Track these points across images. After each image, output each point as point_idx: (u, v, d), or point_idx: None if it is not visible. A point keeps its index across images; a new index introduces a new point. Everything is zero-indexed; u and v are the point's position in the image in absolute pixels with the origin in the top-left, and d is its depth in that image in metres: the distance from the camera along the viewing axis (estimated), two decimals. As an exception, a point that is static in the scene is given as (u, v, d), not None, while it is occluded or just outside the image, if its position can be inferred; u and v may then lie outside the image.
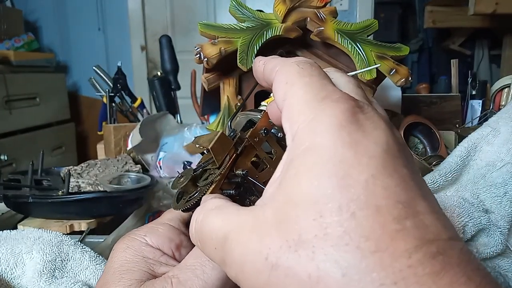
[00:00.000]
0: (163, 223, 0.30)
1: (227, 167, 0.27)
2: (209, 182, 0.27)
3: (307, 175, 0.16)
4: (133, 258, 0.27)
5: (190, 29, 2.57)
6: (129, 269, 0.26)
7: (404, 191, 0.15)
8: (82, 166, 0.71)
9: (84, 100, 2.74)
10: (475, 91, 1.05)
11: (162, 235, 0.29)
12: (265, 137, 0.30)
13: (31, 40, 2.35)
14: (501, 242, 0.40)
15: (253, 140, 0.29)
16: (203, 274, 0.24)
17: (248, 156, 0.29)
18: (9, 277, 0.44)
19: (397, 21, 2.48)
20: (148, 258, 0.27)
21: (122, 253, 0.27)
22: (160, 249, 0.28)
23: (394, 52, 0.61)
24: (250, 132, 0.29)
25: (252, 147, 0.29)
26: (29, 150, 2.06)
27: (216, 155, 0.27)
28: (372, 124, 0.17)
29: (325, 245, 0.15)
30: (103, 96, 1.15)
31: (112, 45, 2.66)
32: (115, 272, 0.26)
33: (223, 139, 0.27)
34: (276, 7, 0.59)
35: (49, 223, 0.61)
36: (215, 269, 0.25)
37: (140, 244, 0.28)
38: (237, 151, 0.28)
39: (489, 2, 1.67)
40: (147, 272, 0.26)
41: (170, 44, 1.19)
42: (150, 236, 0.28)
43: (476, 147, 0.48)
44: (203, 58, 0.56)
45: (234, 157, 0.28)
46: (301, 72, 0.19)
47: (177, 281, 0.24)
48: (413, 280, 0.14)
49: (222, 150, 0.27)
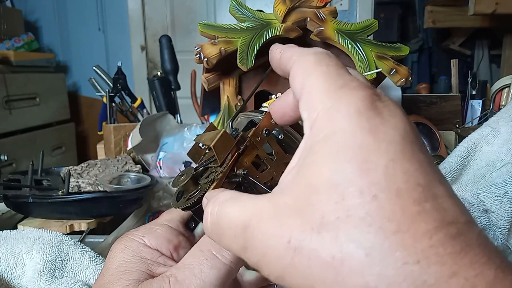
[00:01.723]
0: (161, 224, 0.30)
1: (228, 165, 0.27)
2: (211, 180, 0.27)
3: (328, 160, 0.16)
4: (131, 258, 0.27)
5: (190, 29, 2.57)
6: (127, 269, 0.26)
7: (423, 175, 0.16)
8: (82, 166, 0.71)
9: (84, 100, 2.74)
10: (475, 91, 1.05)
11: (160, 236, 0.29)
12: (267, 137, 0.29)
13: (31, 40, 2.35)
14: (501, 242, 0.40)
15: (255, 140, 0.29)
16: (201, 273, 0.24)
17: (249, 156, 0.29)
18: (9, 277, 0.44)
19: (397, 21, 2.48)
20: (146, 259, 0.27)
21: (120, 253, 0.27)
22: (158, 249, 0.28)
23: (394, 52, 0.61)
24: (252, 132, 0.29)
25: (253, 147, 0.29)
26: (29, 150, 2.06)
27: (218, 153, 0.27)
28: (389, 112, 0.17)
29: (348, 226, 0.15)
30: (103, 96, 1.15)
31: (112, 45, 2.66)
32: (113, 273, 0.26)
33: (226, 137, 0.27)
34: (276, 7, 0.59)
35: (49, 223, 0.61)
36: (213, 268, 0.25)
37: (138, 244, 0.28)
38: (239, 150, 0.28)
39: (489, 2, 1.67)
40: (145, 273, 0.26)
41: (170, 44, 1.19)
42: (148, 237, 0.28)
43: (476, 147, 0.48)
44: (203, 58, 0.56)
45: (235, 156, 0.28)
46: (318, 62, 0.19)
47: (175, 280, 0.24)
48: (435, 259, 0.14)
49: (224, 148, 0.27)
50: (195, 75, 1.18)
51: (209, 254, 0.25)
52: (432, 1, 2.22)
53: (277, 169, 0.31)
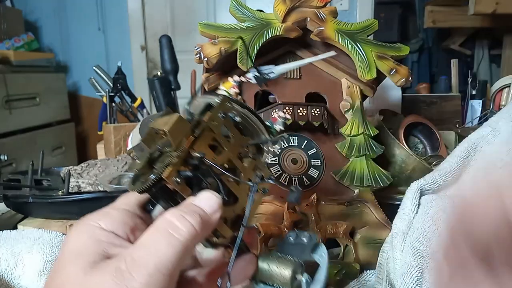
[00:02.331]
0: (117, 208, 0.30)
1: (184, 149, 0.27)
2: (166, 164, 0.27)
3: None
4: (85, 241, 0.26)
5: (190, 29, 2.57)
6: (82, 251, 0.26)
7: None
8: (82, 166, 0.71)
9: (84, 100, 2.74)
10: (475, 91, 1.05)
11: (116, 219, 0.29)
12: (223, 120, 0.30)
13: (31, 40, 2.35)
14: (501, 242, 0.40)
15: (211, 123, 0.29)
16: (157, 251, 0.24)
17: (205, 139, 0.29)
18: (9, 277, 0.44)
19: (397, 21, 2.48)
20: (101, 241, 0.27)
21: (76, 237, 0.27)
22: (114, 232, 0.28)
23: (394, 52, 0.61)
24: (207, 116, 0.29)
25: (209, 130, 0.29)
26: (29, 150, 2.06)
27: (173, 138, 0.27)
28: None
29: None
30: (103, 96, 1.15)
31: (112, 45, 2.66)
32: (69, 255, 0.26)
33: (180, 122, 0.27)
34: (276, 7, 0.59)
35: (49, 223, 0.61)
36: (169, 245, 0.25)
37: (94, 228, 0.28)
38: (194, 134, 0.28)
39: (489, 2, 1.67)
40: (100, 254, 0.26)
41: (170, 44, 1.19)
42: (103, 220, 0.28)
43: (476, 147, 0.48)
44: (203, 58, 0.56)
45: (191, 140, 0.28)
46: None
47: (131, 259, 0.24)
48: None
49: (179, 132, 0.27)
50: (195, 75, 1.18)
51: (165, 232, 0.25)
52: (432, 1, 2.22)
53: (234, 150, 0.31)
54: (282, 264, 0.31)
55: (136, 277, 0.23)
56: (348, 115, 0.62)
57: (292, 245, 0.35)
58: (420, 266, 0.37)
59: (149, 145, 0.30)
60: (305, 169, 0.58)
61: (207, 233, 0.28)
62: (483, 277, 0.37)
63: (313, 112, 0.58)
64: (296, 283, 0.31)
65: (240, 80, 0.39)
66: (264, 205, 0.53)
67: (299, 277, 0.31)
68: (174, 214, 0.26)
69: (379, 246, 0.45)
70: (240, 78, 0.41)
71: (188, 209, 0.27)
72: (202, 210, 0.27)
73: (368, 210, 0.56)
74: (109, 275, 0.24)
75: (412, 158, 0.65)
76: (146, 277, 0.23)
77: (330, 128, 0.60)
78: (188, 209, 0.27)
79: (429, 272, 0.37)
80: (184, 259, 0.25)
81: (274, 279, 0.31)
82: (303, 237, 0.35)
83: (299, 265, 0.32)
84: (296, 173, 0.57)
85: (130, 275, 0.23)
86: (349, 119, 0.61)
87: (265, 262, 0.32)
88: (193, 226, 0.26)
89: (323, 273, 0.33)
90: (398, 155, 0.66)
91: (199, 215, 0.27)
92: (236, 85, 0.36)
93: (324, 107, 0.60)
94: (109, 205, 0.31)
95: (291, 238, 0.36)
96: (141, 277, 0.23)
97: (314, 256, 0.35)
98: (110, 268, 0.24)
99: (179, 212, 0.26)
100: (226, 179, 0.30)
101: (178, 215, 0.26)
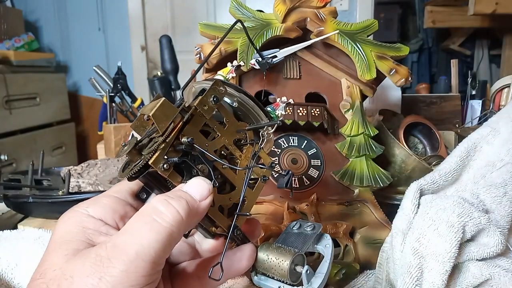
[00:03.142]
0: (108, 195, 0.30)
1: (172, 135, 0.26)
2: (153, 150, 0.26)
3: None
4: (72, 229, 0.26)
5: (190, 29, 2.57)
6: (67, 239, 0.26)
7: None
8: (82, 166, 0.71)
9: (84, 100, 2.74)
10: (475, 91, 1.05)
11: (105, 206, 0.28)
12: (215, 105, 0.29)
13: (31, 40, 2.35)
14: (501, 242, 0.40)
15: (202, 108, 0.28)
16: (140, 237, 0.24)
17: (196, 125, 0.28)
18: (9, 277, 0.44)
19: (397, 21, 2.48)
20: (87, 228, 0.26)
21: (63, 225, 0.27)
22: (103, 219, 0.28)
23: (394, 52, 0.61)
24: (198, 100, 0.28)
25: (201, 115, 0.28)
26: (29, 150, 2.06)
27: (158, 122, 0.26)
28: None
29: None
30: (103, 96, 1.15)
31: (112, 45, 2.66)
32: (55, 243, 0.26)
33: (166, 106, 0.26)
34: (276, 7, 0.59)
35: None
36: (152, 231, 0.24)
37: (82, 215, 0.27)
38: (183, 119, 0.27)
39: (489, 2, 1.68)
40: (85, 242, 0.25)
41: (170, 44, 1.19)
42: (92, 208, 0.28)
43: (476, 147, 0.48)
44: (203, 58, 0.56)
45: (180, 125, 0.27)
46: None
47: (112, 245, 0.24)
48: None
49: (165, 117, 0.26)
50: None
51: (149, 218, 0.25)
52: (432, 1, 2.22)
53: (229, 136, 0.30)
54: (282, 255, 0.30)
55: (115, 263, 0.23)
56: (348, 115, 0.62)
57: (295, 235, 0.34)
58: (420, 266, 0.37)
59: (139, 131, 0.30)
60: (305, 169, 0.58)
61: (196, 220, 0.27)
62: None
63: (313, 112, 0.58)
64: (296, 275, 0.30)
65: (238, 64, 0.39)
66: (264, 205, 0.53)
67: (299, 269, 0.30)
68: (159, 200, 0.26)
69: (379, 246, 0.45)
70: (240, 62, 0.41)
71: (174, 194, 0.26)
72: (189, 196, 0.26)
73: (368, 210, 0.56)
74: (89, 262, 0.23)
75: (412, 158, 0.65)
76: (126, 264, 0.23)
77: (330, 128, 0.60)
78: (175, 195, 0.26)
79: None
80: (169, 246, 0.25)
81: (272, 271, 0.30)
82: (306, 227, 0.34)
83: (300, 256, 0.30)
84: (296, 173, 0.57)
85: (109, 262, 0.23)
86: (349, 119, 0.61)
87: (265, 253, 0.31)
88: (178, 212, 0.25)
89: (326, 266, 0.31)
90: (398, 155, 0.66)
91: (185, 201, 0.26)
92: (233, 70, 0.36)
93: (324, 107, 0.60)
94: (102, 193, 0.31)
95: (294, 228, 0.34)
96: (121, 264, 0.23)
97: (317, 248, 0.33)
98: (91, 255, 0.23)
99: (165, 198, 0.26)
100: (220, 166, 0.29)
101: (163, 200, 0.25)
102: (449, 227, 0.39)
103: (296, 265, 0.30)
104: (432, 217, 0.40)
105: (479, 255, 0.40)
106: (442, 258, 0.37)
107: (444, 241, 0.38)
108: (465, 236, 0.40)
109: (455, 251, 0.37)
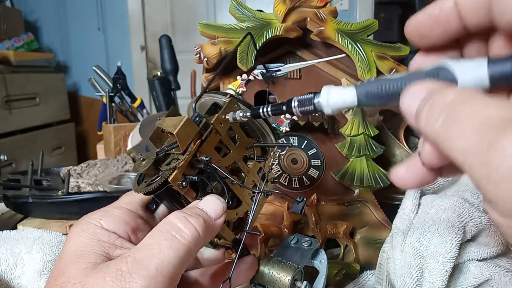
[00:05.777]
0: (119, 207, 0.30)
1: (191, 153, 0.27)
2: (172, 168, 0.26)
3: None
4: (87, 241, 0.26)
5: (190, 29, 2.57)
6: (84, 252, 0.26)
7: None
8: (82, 166, 0.71)
9: (84, 100, 2.74)
10: (475, 91, 1.05)
11: (117, 219, 0.28)
12: (232, 123, 0.29)
13: (31, 40, 2.35)
14: (501, 242, 0.40)
15: (218, 126, 0.29)
16: (159, 253, 0.24)
17: (212, 142, 0.28)
18: (9, 277, 0.44)
19: (397, 21, 2.48)
20: (103, 241, 0.27)
21: (77, 237, 0.27)
22: (116, 232, 0.28)
23: (394, 52, 0.61)
24: (215, 118, 0.28)
25: (216, 132, 0.29)
26: (29, 150, 2.06)
27: (181, 141, 0.26)
28: None
29: None
30: (103, 96, 1.15)
31: (112, 45, 2.66)
32: (71, 256, 0.26)
33: (189, 124, 0.27)
34: (276, 7, 0.59)
35: (49, 223, 0.61)
36: (172, 248, 0.24)
37: (95, 227, 0.27)
38: (201, 137, 0.28)
39: (489, 2, 1.67)
40: (102, 255, 0.26)
41: (170, 44, 1.19)
42: (105, 220, 0.28)
43: (476, 147, 0.48)
44: (203, 58, 0.56)
45: (198, 143, 0.27)
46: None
47: (133, 259, 0.24)
48: None
49: (187, 136, 0.27)
50: (195, 75, 1.18)
51: (168, 234, 0.25)
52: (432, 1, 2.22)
53: (239, 153, 0.31)
54: (283, 270, 0.32)
55: (136, 279, 0.23)
56: (348, 115, 0.62)
57: (292, 249, 0.36)
58: (420, 266, 0.37)
59: (155, 143, 0.30)
60: (305, 169, 0.58)
61: (211, 237, 0.28)
62: None
63: (313, 112, 0.58)
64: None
65: (248, 79, 0.39)
66: (264, 205, 0.53)
67: (298, 284, 0.32)
68: (178, 217, 0.26)
69: (379, 246, 0.45)
70: (249, 76, 0.41)
71: (192, 212, 0.27)
72: (206, 214, 0.27)
73: (368, 210, 0.56)
74: (110, 276, 0.23)
75: (412, 158, 0.65)
76: (146, 279, 0.23)
77: (330, 128, 0.60)
78: (193, 212, 0.27)
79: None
80: (186, 262, 0.25)
81: (273, 284, 0.32)
82: (303, 242, 0.36)
83: (299, 272, 0.32)
84: (296, 173, 0.57)
85: (130, 277, 0.23)
86: (349, 119, 0.61)
87: (266, 267, 0.32)
88: (196, 230, 0.26)
89: (321, 281, 0.33)
90: (398, 155, 0.66)
91: (203, 219, 0.26)
92: (244, 84, 0.36)
93: (324, 107, 0.60)
94: (112, 203, 0.31)
95: (292, 242, 0.36)
96: (141, 279, 0.23)
97: (314, 262, 0.35)
98: (111, 270, 0.24)
99: (183, 215, 0.26)
100: (229, 182, 0.30)
101: (182, 217, 0.26)
102: (450, 227, 0.39)
103: (296, 280, 0.32)
104: (433, 217, 0.40)
105: (480, 255, 0.40)
106: (443, 258, 0.37)
107: (445, 241, 0.38)
108: (466, 236, 0.40)
109: (455, 251, 0.37)
